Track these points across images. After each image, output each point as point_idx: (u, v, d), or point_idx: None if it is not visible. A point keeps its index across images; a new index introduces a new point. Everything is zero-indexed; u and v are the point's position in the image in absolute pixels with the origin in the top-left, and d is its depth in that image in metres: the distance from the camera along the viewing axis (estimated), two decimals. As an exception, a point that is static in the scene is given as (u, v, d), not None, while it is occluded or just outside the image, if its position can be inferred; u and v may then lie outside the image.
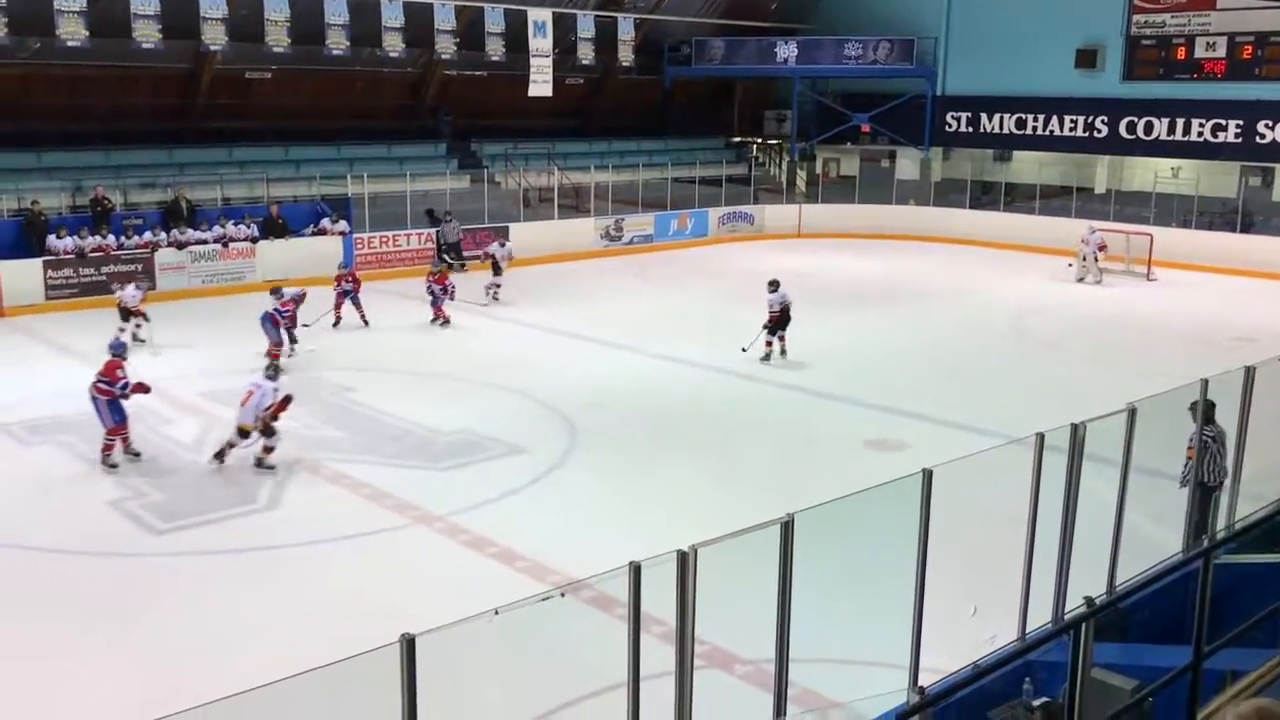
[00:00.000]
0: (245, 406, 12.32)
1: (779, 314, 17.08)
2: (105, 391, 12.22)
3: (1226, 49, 28.09)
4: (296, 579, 9.80)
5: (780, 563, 5.21)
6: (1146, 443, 7.10)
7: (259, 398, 12.30)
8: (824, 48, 33.37)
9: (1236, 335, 19.09)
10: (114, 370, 12.35)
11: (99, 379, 12.30)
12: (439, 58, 28.45)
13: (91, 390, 12.32)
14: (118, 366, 12.43)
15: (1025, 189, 31.13)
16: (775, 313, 17.09)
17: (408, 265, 24.73)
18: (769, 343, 17.14)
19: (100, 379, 12.30)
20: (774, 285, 17.31)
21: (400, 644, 3.84)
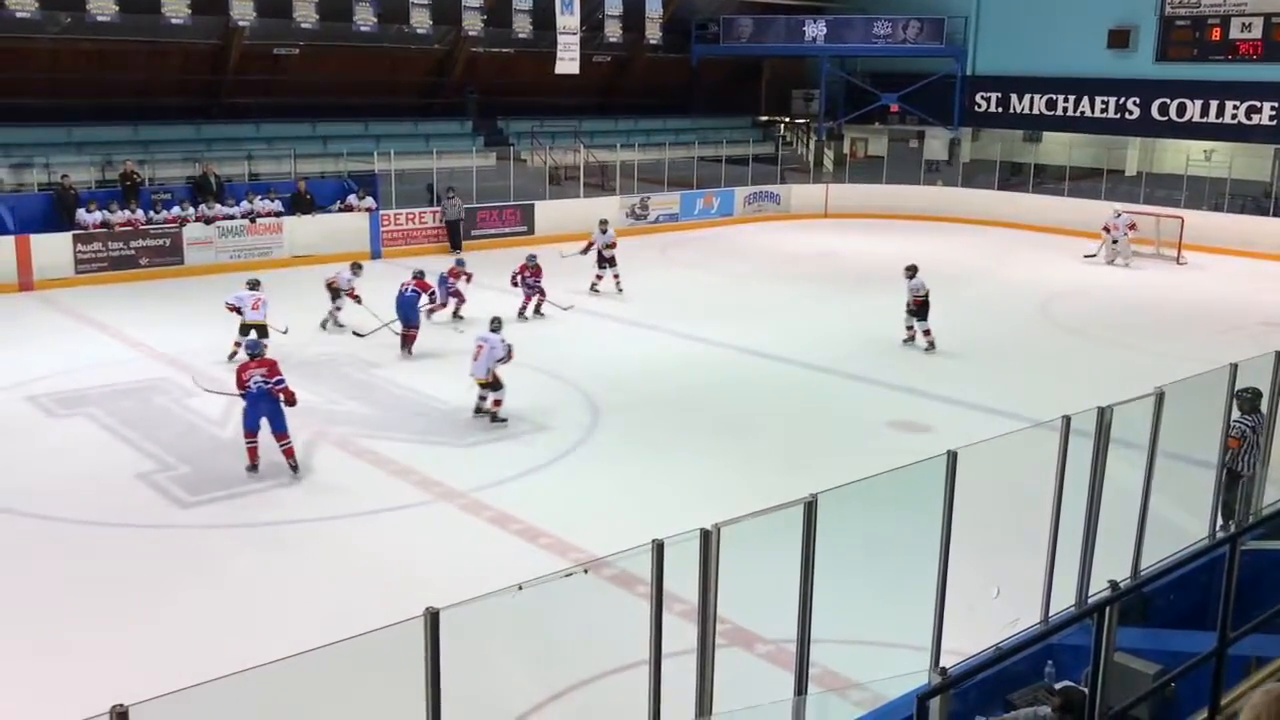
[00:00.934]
0: (478, 361, 12.89)
1: (922, 300, 16.74)
2: (282, 390, 11.30)
3: (1263, 30, 27.67)
4: (321, 553, 9.88)
5: (803, 543, 5.21)
6: (1173, 427, 7.06)
7: (489, 351, 12.87)
8: (853, 26, 33.09)
9: (1266, 320, 18.90)
10: (277, 365, 11.50)
11: (270, 381, 11.23)
12: (466, 34, 28.41)
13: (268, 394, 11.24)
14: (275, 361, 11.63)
15: (1055, 170, 30.85)
16: (919, 298, 16.75)
17: (433, 242, 24.78)
18: (909, 328, 16.90)
19: (272, 381, 11.25)
20: (911, 271, 16.89)
21: (425, 617, 3.87)
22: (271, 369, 11.34)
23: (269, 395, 11.24)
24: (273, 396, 11.24)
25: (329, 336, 17.08)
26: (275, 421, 11.34)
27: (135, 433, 12.62)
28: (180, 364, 15.39)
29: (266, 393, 11.24)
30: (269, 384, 11.23)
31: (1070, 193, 29.59)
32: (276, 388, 11.25)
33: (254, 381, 11.24)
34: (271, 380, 11.24)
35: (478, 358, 12.95)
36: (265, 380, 11.23)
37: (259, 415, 11.31)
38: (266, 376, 11.25)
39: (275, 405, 11.29)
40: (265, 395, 11.24)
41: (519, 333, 15.61)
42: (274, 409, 11.29)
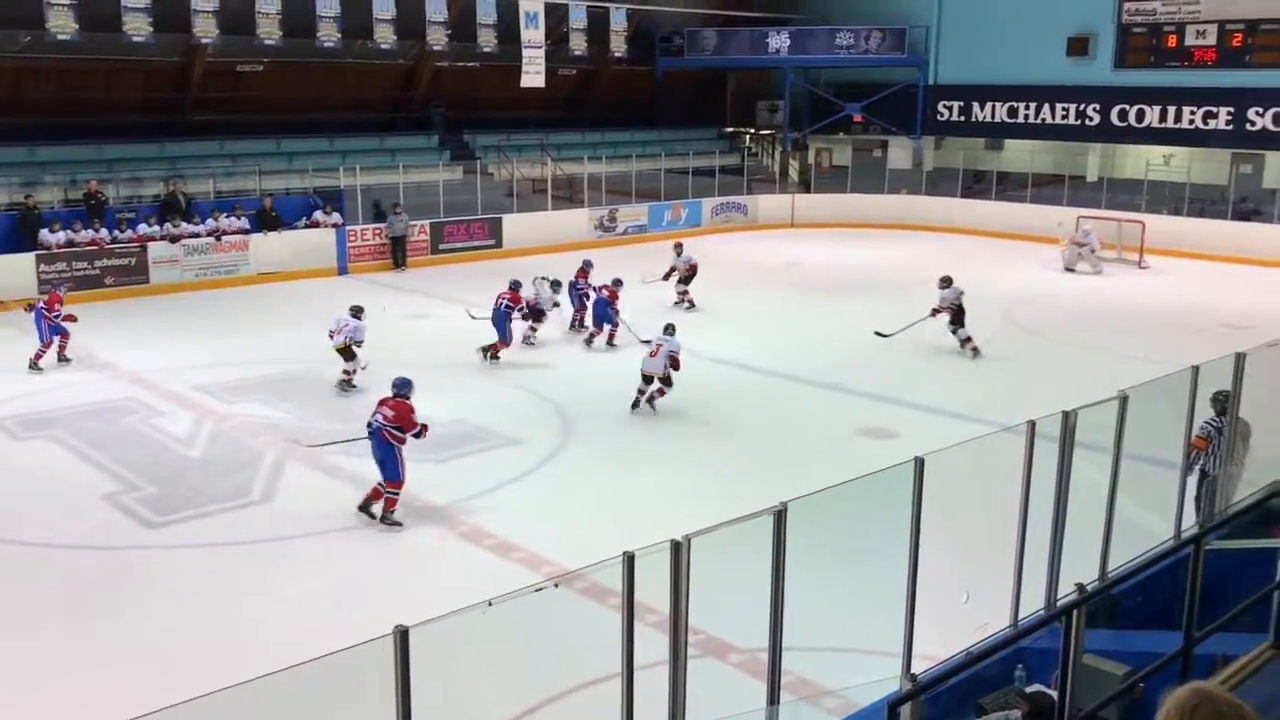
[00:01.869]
0: (654, 358, 14.05)
1: (952, 309, 17.13)
2: (396, 438, 10.61)
3: (1216, 36, 28.11)
4: (291, 571, 9.82)
5: (773, 552, 5.23)
6: (1138, 430, 7.13)
7: (666, 352, 14.03)
8: (816, 37, 33.32)
9: (1227, 322, 19.14)
10: (408, 415, 10.73)
11: (388, 425, 10.60)
12: (431, 49, 28.40)
13: (380, 434, 10.63)
14: (411, 410, 10.79)
15: (1017, 177, 31.15)
16: (947, 308, 17.16)
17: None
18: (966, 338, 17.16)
19: (390, 425, 10.61)
20: (945, 282, 17.37)
21: (394, 636, 3.86)
22: (401, 415, 10.62)
23: (380, 436, 10.61)
24: (383, 439, 10.59)
25: (296, 354, 16.97)
26: (385, 468, 10.58)
27: (101, 453, 12.50)
28: (147, 383, 15.27)
29: (378, 431, 10.63)
30: (385, 426, 10.60)
31: (1032, 199, 29.89)
32: (391, 432, 10.59)
33: (376, 419, 10.68)
34: (391, 425, 10.59)
35: (655, 355, 14.08)
36: (383, 421, 10.62)
37: (375, 454, 10.68)
38: (390, 419, 10.60)
39: (388, 449, 10.58)
40: (377, 434, 10.63)
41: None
42: (386, 452, 10.57)
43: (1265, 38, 27.40)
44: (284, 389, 15.04)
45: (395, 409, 10.62)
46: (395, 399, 10.71)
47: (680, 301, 20.78)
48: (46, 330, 15.78)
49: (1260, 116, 27.37)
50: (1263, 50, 27.46)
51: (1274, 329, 12.66)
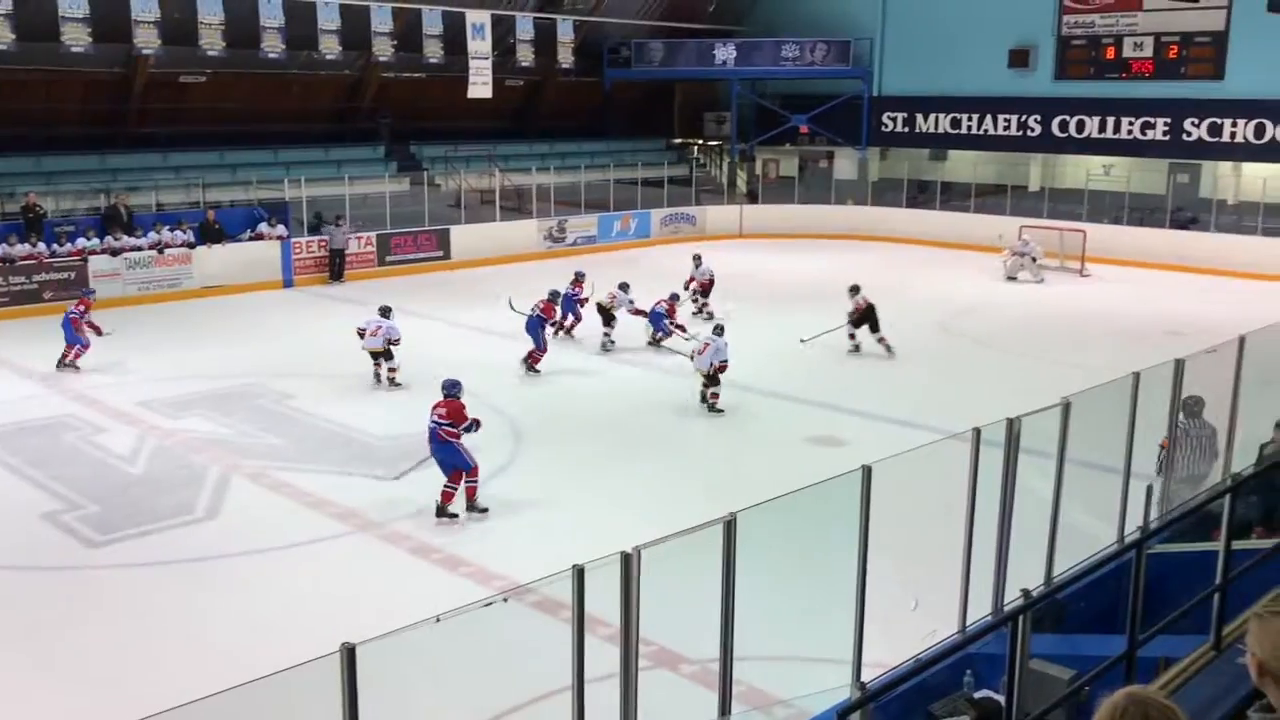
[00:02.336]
0: (702, 356, 14.69)
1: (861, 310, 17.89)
2: (452, 434, 11.03)
3: (1153, 49, 28.69)
4: (237, 589, 9.67)
5: (723, 562, 5.24)
6: (1081, 436, 7.24)
7: (713, 351, 14.62)
8: (761, 49, 33.56)
9: (1167, 329, 19.49)
10: (460, 411, 11.16)
11: (441, 422, 11.03)
12: (376, 60, 28.21)
13: (437, 434, 11.05)
14: (462, 407, 11.24)
15: (961, 188, 31.53)
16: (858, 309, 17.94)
17: (348, 269, 24.48)
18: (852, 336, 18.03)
19: (444, 422, 11.03)
20: (854, 290, 18.13)
21: (340, 653, 3.81)
22: (453, 412, 11.04)
23: (438, 437, 11.01)
24: (440, 438, 10.99)
25: (240, 366, 16.76)
26: (454, 463, 11.02)
27: (41, 472, 12.24)
28: (88, 399, 15.00)
29: (435, 433, 11.02)
30: (440, 425, 11.00)
31: (976, 209, 30.28)
32: (446, 431, 10.97)
33: (431, 421, 11.07)
34: (445, 423, 10.98)
35: (703, 353, 14.72)
36: (439, 421, 11.01)
37: (437, 455, 11.10)
38: (444, 418, 11.00)
39: (448, 448, 10.98)
40: (434, 436, 11.03)
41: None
42: (447, 450, 10.99)
43: (1199, 50, 28.02)
44: (228, 404, 14.84)
45: (448, 407, 11.11)
46: (446, 399, 11.19)
47: (699, 313, 21.01)
48: (73, 333, 16.43)
49: (1196, 127, 27.96)
50: (1197, 62, 28.09)
51: (1212, 335, 12.90)
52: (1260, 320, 16.00)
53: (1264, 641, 3.01)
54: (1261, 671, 3.03)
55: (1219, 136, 27.70)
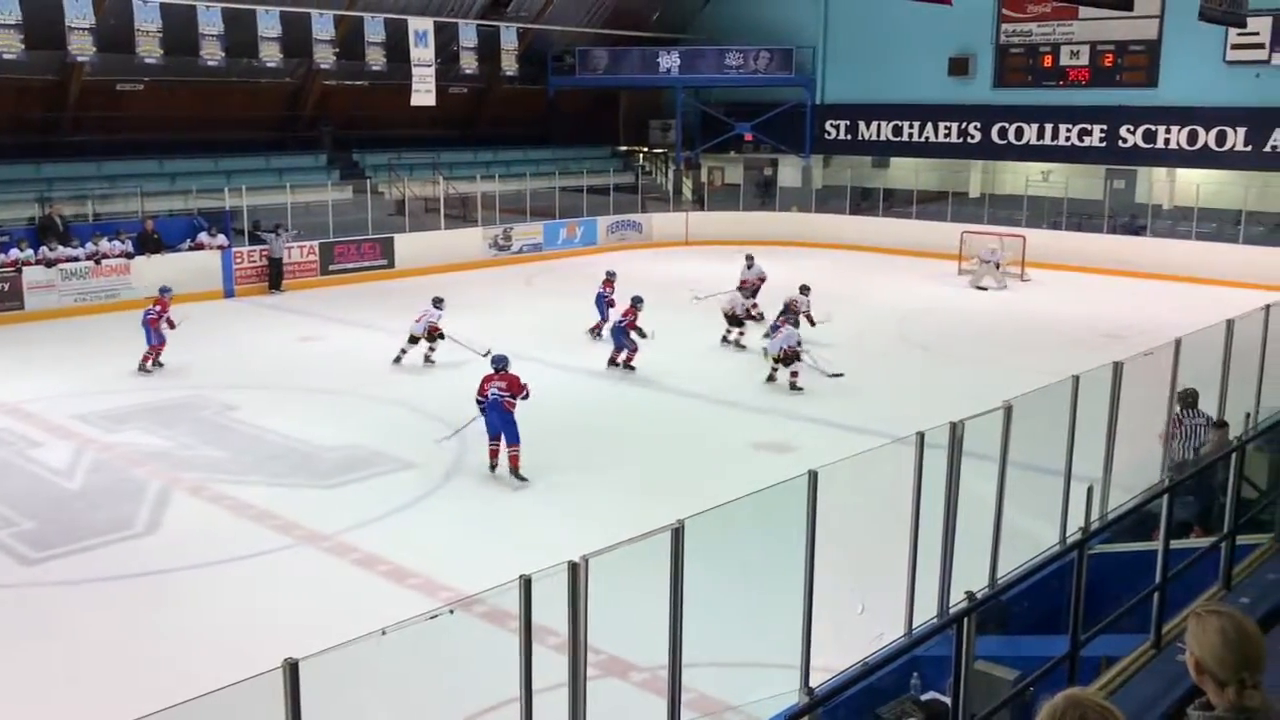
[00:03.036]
0: (774, 341, 16.17)
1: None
2: (511, 405, 12.20)
3: (1089, 57, 29.24)
4: (178, 605, 9.50)
5: (671, 569, 5.22)
6: (1023, 439, 7.32)
7: (785, 336, 15.99)
8: (705, 57, 33.71)
9: (1107, 332, 19.83)
10: (517, 381, 12.34)
11: (504, 394, 12.18)
12: (318, 67, 27.94)
13: (500, 404, 12.18)
14: (518, 377, 12.43)
15: (903, 194, 31.90)
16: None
17: (290, 278, 24.23)
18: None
19: (505, 394, 12.19)
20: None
21: (283, 669, 3.75)
22: (512, 384, 12.27)
23: (502, 407, 12.14)
24: (504, 408, 12.15)
25: (175, 379, 16.50)
26: (508, 432, 12.19)
27: (-27, 488, 11.96)
28: (22, 413, 14.68)
29: (499, 403, 12.13)
30: (503, 396, 12.16)
31: (918, 215, 30.66)
32: (508, 402, 12.18)
33: (492, 392, 12.22)
34: (506, 394, 12.18)
35: (774, 338, 16.24)
36: (501, 393, 12.17)
37: (495, 424, 12.25)
38: (504, 389, 12.19)
39: (508, 416, 12.18)
40: (498, 405, 12.15)
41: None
42: (506, 420, 12.20)
43: (1133, 58, 28.62)
44: (168, 416, 14.60)
45: (505, 379, 12.26)
46: (500, 373, 12.37)
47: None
48: (153, 334, 16.94)
49: (1131, 134, 28.52)
50: (1131, 70, 28.69)
51: (1149, 338, 13.14)
52: (1196, 323, 16.33)
53: (1201, 640, 3.06)
54: (1199, 669, 3.08)
55: (1154, 143, 28.28)
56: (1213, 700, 3.05)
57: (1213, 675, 3.03)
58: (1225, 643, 3.00)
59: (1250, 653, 3.00)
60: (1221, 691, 3.02)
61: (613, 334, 17.41)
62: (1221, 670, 3.00)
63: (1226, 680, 3.00)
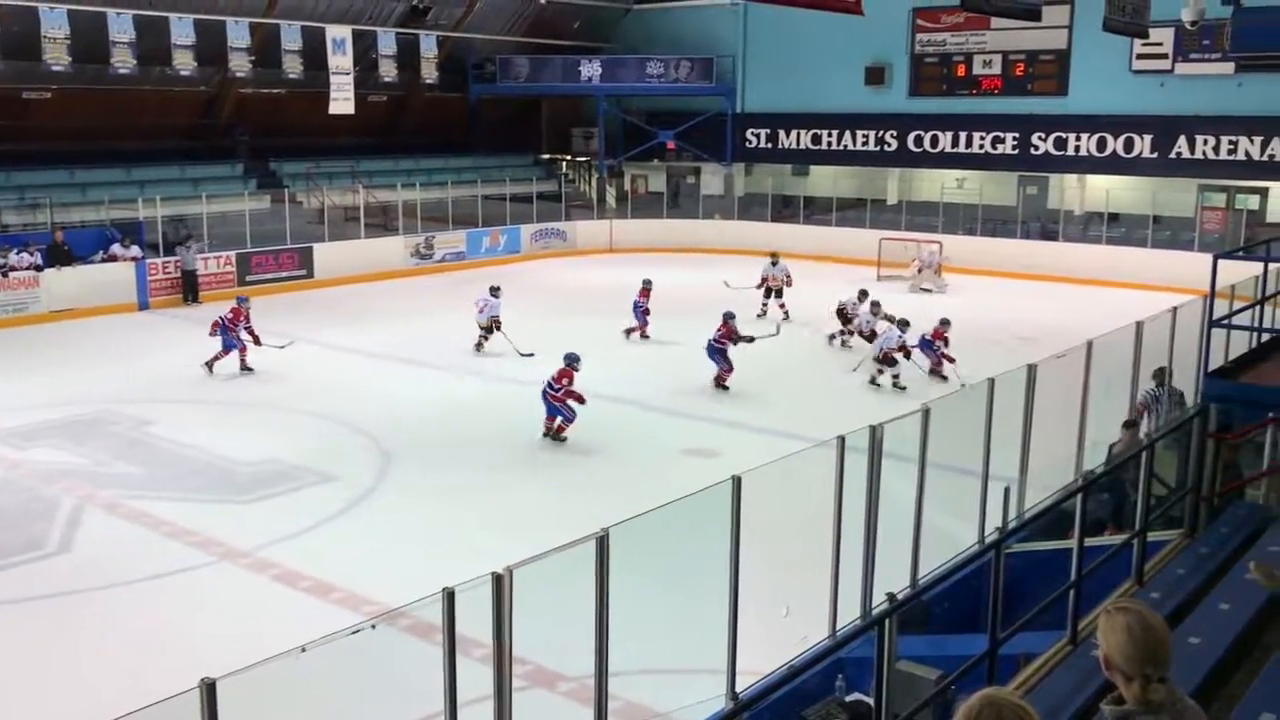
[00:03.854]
0: (876, 342, 17.03)
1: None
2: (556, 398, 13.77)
3: (1002, 66, 29.91)
4: (92, 626, 9.26)
5: (597, 577, 5.22)
6: (941, 440, 7.44)
7: (884, 339, 16.71)
8: (627, 66, 33.82)
9: (1020, 334, 20.25)
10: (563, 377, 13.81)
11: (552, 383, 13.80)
12: (233, 75, 27.50)
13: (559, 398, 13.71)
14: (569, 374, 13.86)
15: (823, 202, 32.28)
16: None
17: (207, 289, 23.76)
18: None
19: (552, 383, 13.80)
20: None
21: (200, 689, 3.67)
22: (560, 377, 13.77)
23: (549, 398, 13.77)
24: (552, 400, 13.73)
25: (91, 392, 16.09)
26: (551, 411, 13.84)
27: (-127, 510, 11.53)
28: (-76, 432, 14.19)
29: (546, 394, 13.79)
30: (553, 389, 13.75)
31: (838, 222, 31.03)
32: (555, 394, 13.70)
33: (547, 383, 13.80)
34: (554, 387, 13.74)
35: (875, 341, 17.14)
36: (552, 385, 13.77)
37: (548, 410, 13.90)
38: (554, 380, 13.77)
39: (554, 406, 13.79)
40: (545, 396, 13.78)
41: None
42: (553, 408, 13.82)
43: (1044, 67, 29.34)
44: (80, 432, 14.23)
45: (563, 375, 13.74)
46: (564, 369, 13.79)
47: (764, 314, 21.88)
48: (230, 337, 17.25)
49: (1043, 141, 29.21)
50: (1042, 79, 29.41)
51: (1062, 340, 13.44)
52: (1106, 325, 16.76)
53: (1109, 637, 3.15)
54: (1108, 665, 3.16)
55: (1064, 150, 29.00)
56: (1124, 694, 3.13)
57: (1120, 670, 3.12)
58: (1130, 639, 3.09)
59: (1153, 649, 3.08)
60: (1129, 685, 3.10)
61: (709, 355, 16.92)
62: (1127, 665, 3.09)
63: (1132, 675, 3.08)
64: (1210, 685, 5.06)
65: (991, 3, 10.90)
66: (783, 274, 22.17)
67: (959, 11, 29.84)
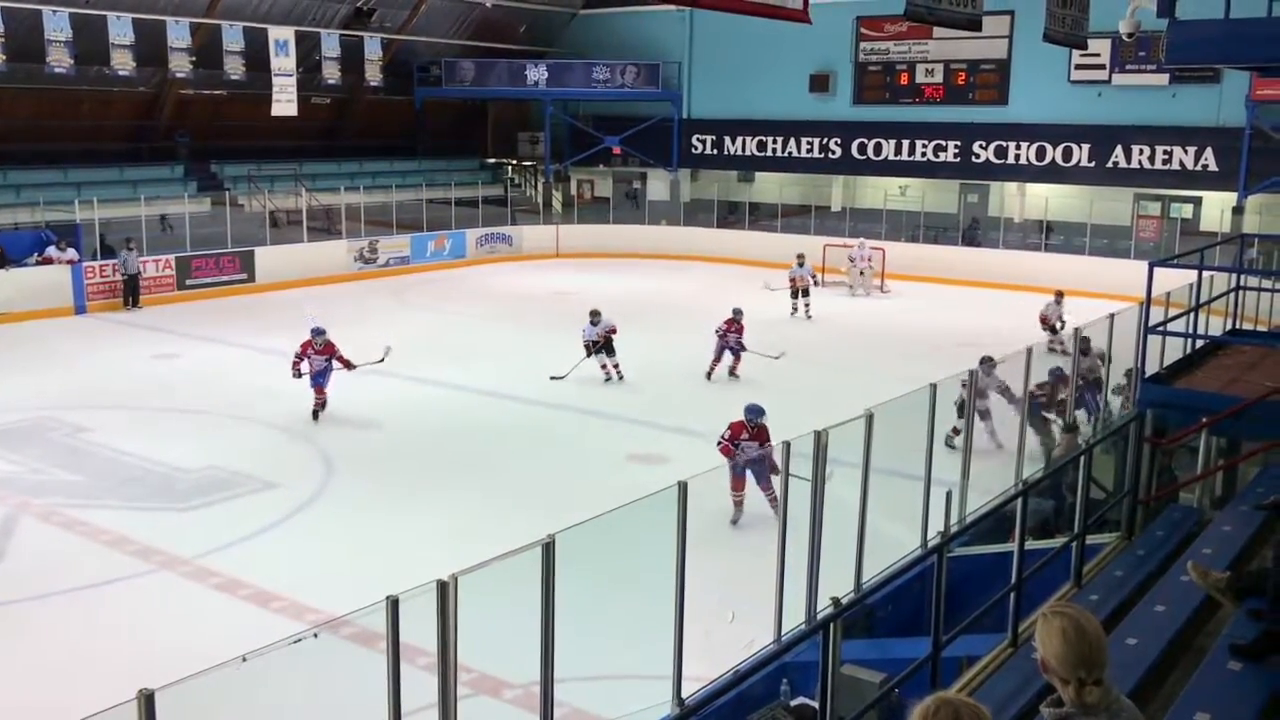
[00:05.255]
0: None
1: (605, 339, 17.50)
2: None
3: (944, 75, 30.31)
4: (27, 637, 9.05)
5: (543, 584, 5.20)
6: (884, 445, 7.50)
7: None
8: (573, 71, 33.81)
9: (961, 340, 20.48)
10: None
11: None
12: (174, 76, 27.09)
13: None
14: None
15: (768, 208, 32.49)
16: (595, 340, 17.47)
17: (146, 293, 23.37)
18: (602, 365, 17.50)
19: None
20: (594, 315, 17.64)
21: (138, 701, 3.61)
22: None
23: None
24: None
25: (22, 399, 15.75)
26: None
27: None
28: None
29: None
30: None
31: (783, 229, 31.25)
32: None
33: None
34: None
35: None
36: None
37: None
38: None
39: None
40: None
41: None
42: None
43: (985, 76, 29.79)
44: (15, 439, 13.93)
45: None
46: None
47: (795, 312, 22.20)
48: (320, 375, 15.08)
49: (984, 150, 29.62)
50: (983, 89, 29.85)
51: (1002, 346, 13.62)
52: (1043, 332, 17.06)
53: (1045, 641, 3.21)
54: (1045, 668, 3.22)
55: (1005, 159, 29.43)
56: (1062, 696, 3.19)
57: (1056, 674, 3.18)
58: (1065, 643, 3.15)
59: (1087, 652, 3.14)
60: (1066, 688, 3.16)
61: (730, 350, 17.60)
62: (1063, 669, 3.15)
63: (1068, 678, 3.14)
64: (1147, 685, 5.15)
65: (934, 12, 11.02)
66: (808, 274, 22.86)
67: (902, 20, 30.29)
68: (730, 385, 17.51)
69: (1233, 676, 4.95)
